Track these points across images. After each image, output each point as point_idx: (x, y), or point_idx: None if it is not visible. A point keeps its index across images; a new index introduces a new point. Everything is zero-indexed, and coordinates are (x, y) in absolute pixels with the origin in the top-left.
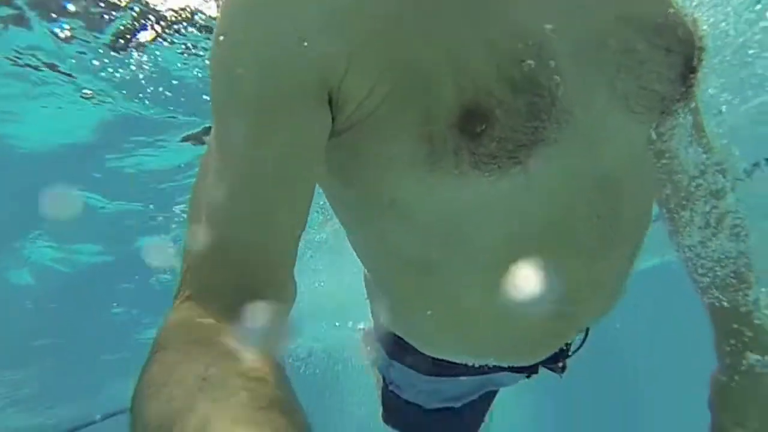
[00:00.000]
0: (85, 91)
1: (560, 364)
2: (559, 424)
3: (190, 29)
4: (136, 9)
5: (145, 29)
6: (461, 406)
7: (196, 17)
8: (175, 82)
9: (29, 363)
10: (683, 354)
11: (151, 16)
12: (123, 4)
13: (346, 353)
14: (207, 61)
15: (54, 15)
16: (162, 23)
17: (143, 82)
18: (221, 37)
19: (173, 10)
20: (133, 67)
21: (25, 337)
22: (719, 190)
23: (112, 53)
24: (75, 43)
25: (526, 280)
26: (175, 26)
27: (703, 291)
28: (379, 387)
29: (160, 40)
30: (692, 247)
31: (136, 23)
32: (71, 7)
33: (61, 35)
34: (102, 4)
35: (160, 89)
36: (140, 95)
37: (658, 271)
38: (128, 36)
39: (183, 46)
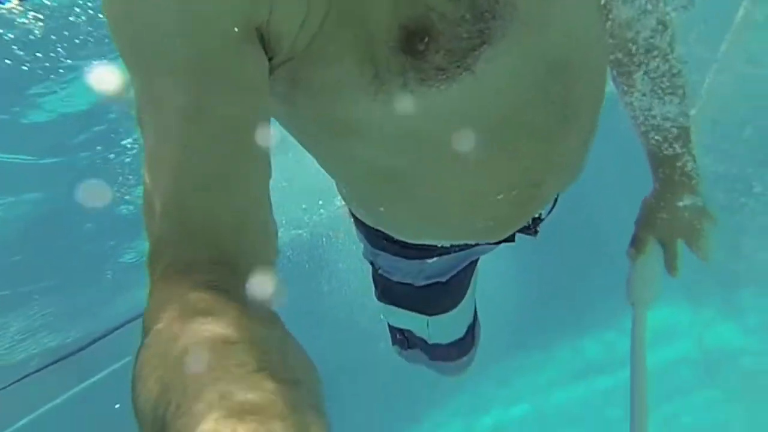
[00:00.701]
0: None
1: (533, 229)
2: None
3: None
4: None
5: None
6: (448, 278)
7: None
8: None
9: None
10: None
11: None
12: None
13: (332, 233)
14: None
15: None
16: None
17: None
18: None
19: None
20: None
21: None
22: (664, 48)
23: None
24: None
25: (488, 171)
26: None
27: (644, 135)
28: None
29: None
30: (641, 105)
31: None
32: None
33: None
34: None
35: None
36: None
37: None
38: None
39: None
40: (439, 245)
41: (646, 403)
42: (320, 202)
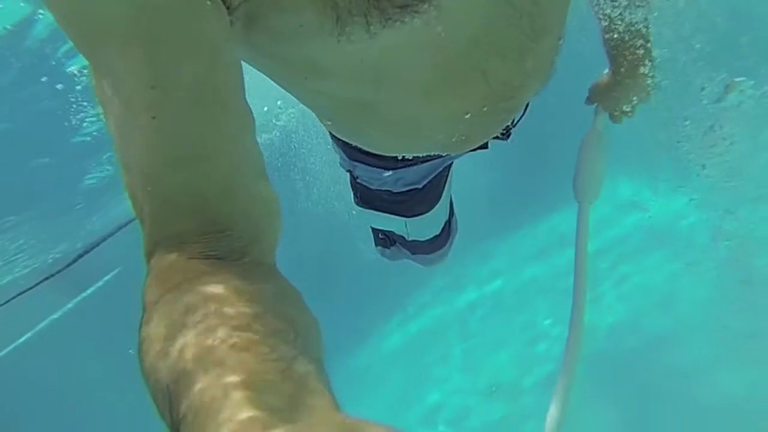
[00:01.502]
0: None
1: (506, 134)
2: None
3: None
4: None
5: None
6: (424, 184)
7: None
8: None
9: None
10: None
11: None
12: None
13: (302, 131)
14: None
15: None
16: None
17: None
18: None
19: None
20: None
21: None
22: None
23: None
24: None
25: (460, 94)
26: None
27: (606, 31)
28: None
29: None
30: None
31: None
32: None
33: None
34: None
35: None
36: None
37: None
38: None
39: None
40: (415, 156)
41: (585, 291)
42: (279, 103)
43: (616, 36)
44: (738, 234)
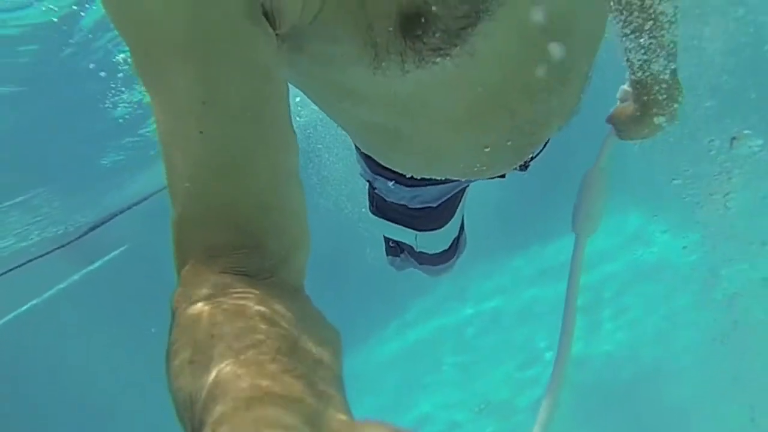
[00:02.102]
0: None
1: (524, 166)
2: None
3: None
4: None
5: None
6: (439, 203)
7: None
8: None
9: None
10: None
11: None
12: None
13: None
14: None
15: None
16: None
17: None
18: None
19: None
20: None
21: None
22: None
23: None
24: None
25: (485, 130)
26: None
27: (630, 65)
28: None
29: None
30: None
31: None
32: None
33: None
34: None
35: None
36: None
37: None
38: None
39: None
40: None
41: (574, 320)
42: (297, 100)
43: (637, 77)
44: (733, 278)
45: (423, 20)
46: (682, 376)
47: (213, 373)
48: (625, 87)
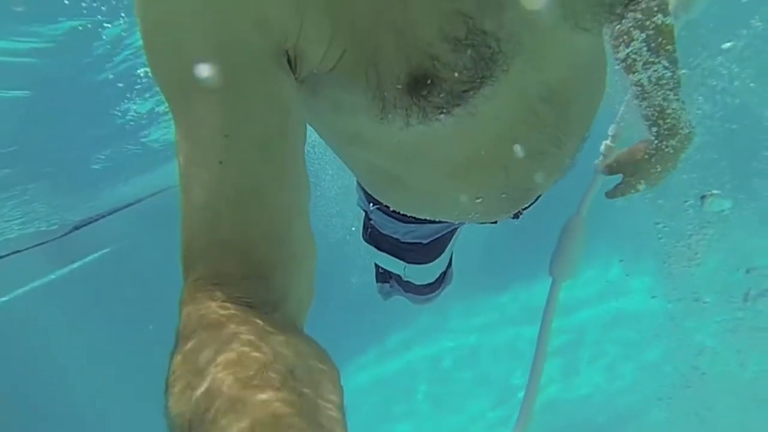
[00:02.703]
0: None
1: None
2: None
3: None
4: None
5: None
6: (429, 241)
7: None
8: None
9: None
10: None
11: None
12: None
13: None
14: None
15: None
16: None
17: None
18: (162, 24)
19: None
20: None
21: None
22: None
23: None
24: None
25: (481, 182)
26: None
27: (639, 99)
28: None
29: None
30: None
31: None
32: None
33: None
34: None
35: None
36: None
37: None
38: None
39: None
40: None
41: (544, 362)
42: None
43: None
44: (702, 329)
45: (429, 82)
46: (654, 424)
47: (216, 401)
48: (608, 142)
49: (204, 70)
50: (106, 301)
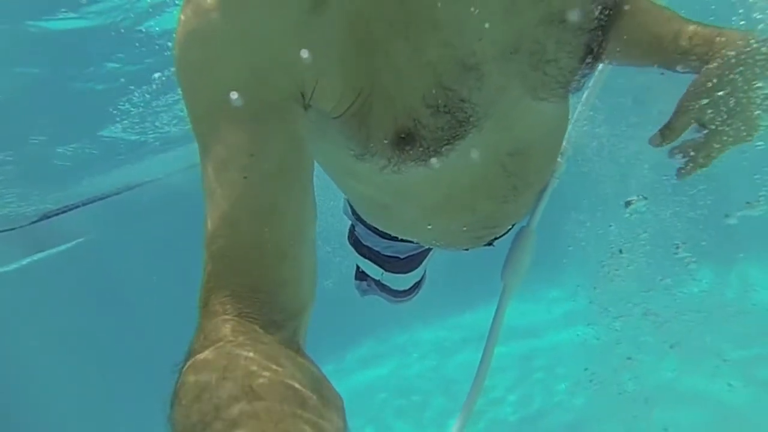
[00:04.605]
0: None
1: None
2: None
3: None
4: None
5: None
6: (405, 256)
7: None
8: None
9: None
10: None
11: None
12: None
13: None
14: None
15: None
16: None
17: None
18: (198, 63)
19: None
20: None
21: None
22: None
23: None
24: None
25: (452, 218)
26: None
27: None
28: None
29: None
30: None
31: None
32: None
33: None
34: None
35: None
36: None
37: None
38: None
39: None
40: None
41: (490, 364)
42: None
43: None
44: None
45: (412, 139)
46: None
47: (226, 411)
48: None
49: (235, 103)
50: (72, 290)
